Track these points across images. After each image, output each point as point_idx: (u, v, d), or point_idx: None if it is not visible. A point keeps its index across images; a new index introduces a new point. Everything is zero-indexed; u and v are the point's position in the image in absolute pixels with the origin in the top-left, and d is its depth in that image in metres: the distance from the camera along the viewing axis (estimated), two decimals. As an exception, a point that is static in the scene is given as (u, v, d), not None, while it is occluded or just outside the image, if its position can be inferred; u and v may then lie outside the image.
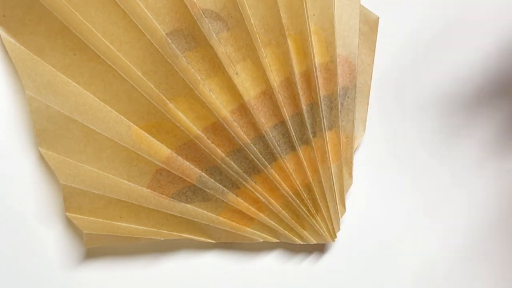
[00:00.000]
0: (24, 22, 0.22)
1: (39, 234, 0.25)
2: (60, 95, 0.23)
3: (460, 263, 0.28)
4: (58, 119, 0.23)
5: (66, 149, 0.23)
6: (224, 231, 0.26)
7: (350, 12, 0.26)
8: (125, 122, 0.24)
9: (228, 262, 0.27)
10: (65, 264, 0.25)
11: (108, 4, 0.23)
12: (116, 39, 0.23)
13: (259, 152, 0.25)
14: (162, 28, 0.23)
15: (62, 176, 0.23)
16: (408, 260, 0.28)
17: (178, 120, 0.24)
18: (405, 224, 0.28)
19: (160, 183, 0.24)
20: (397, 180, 0.28)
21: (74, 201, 0.23)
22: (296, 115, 0.25)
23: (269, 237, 0.26)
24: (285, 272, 0.27)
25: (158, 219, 0.25)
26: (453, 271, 0.28)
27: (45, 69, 0.23)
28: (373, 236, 0.28)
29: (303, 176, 0.26)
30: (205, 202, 0.25)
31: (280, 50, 0.25)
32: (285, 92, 0.25)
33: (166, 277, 0.26)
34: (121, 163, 0.24)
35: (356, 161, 0.28)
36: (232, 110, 0.24)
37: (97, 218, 0.24)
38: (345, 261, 0.28)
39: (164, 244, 0.26)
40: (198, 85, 0.24)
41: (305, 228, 0.26)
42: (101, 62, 0.23)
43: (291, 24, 0.25)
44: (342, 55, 0.26)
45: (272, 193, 0.26)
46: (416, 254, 0.28)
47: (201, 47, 0.24)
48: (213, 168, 0.25)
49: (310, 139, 0.25)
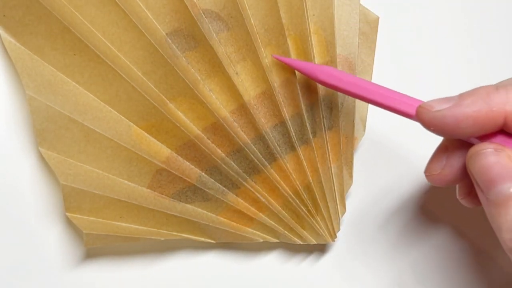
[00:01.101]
0: (24, 22, 0.22)
1: (39, 234, 0.25)
2: (60, 95, 0.23)
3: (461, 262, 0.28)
4: (58, 119, 0.23)
5: (66, 149, 0.23)
6: (224, 231, 0.26)
7: (350, 12, 0.26)
8: (125, 122, 0.24)
9: (228, 262, 0.27)
10: (65, 264, 0.25)
11: (108, 4, 0.23)
12: (116, 39, 0.23)
13: (259, 152, 0.25)
14: (162, 28, 0.23)
15: (62, 176, 0.23)
16: (408, 260, 0.28)
17: (178, 120, 0.24)
18: (405, 224, 0.28)
19: (160, 183, 0.24)
20: (397, 180, 0.28)
21: (74, 201, 0.23)
22: (296, 115, 0.25)
23: (269, 237, 0.26)
24: (285, 272, 0.27)
25: (158, 219, 0.25)
26: (454, 271, 0.28)
27: (45, 69, 0.23)
28: (373, 236, 0.28)
29: (303, 176, 0.26)
30: (205, 202, 0.25)
31: (280, 50, 0.25)
32: (285, 92, 0.25)
33: (166, 277, 0.26)
34: (121, 163, 0.24)
35: (356, 161, 0.28)
36: (232, 110, 0.24)
37: (97, 218, 0.24)
38: (345, 261, 0.28)
39: (164, 244, 0.26)
40: (198, 85, 0.24)
41: (305, 228, 0.26)
42: (101, 62, 0.23)
43: (291, 24, 0.25)
44: (342, 55, 0.26)
45: (272, 193, 0.26)
46: (416, 254, 0.28)
47: (201, 47, 0.24)
48: (213, 168, 0.25)
49: (310, 139, 0.25)
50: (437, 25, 0.30)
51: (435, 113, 0.20)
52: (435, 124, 0.20)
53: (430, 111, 0.20)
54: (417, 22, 0.29)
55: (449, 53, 0.30)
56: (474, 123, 0.19)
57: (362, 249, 0.28)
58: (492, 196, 0.19)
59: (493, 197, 0.19)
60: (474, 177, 0.20)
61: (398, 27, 0.29)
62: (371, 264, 0.28)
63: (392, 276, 0.28)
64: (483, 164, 0.20)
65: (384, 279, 0.28)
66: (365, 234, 0.28)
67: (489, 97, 0.19)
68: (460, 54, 0.30)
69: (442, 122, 0.20)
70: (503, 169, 0.19)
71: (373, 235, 0.28)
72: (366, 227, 0.28)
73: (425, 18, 0.29)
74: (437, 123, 0.20)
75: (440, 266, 0.28)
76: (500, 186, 0.19)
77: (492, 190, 0.19)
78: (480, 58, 0.30)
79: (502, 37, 0.30)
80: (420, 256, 0.28)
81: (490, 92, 0.20)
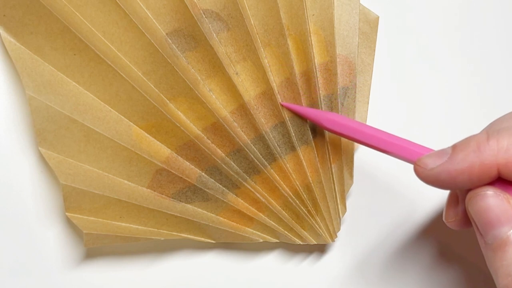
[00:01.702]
0: (24, 22, 0.22)
1: (39, 234, 0.25)
2: (60, 94, 0.23)
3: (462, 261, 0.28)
4: (58, 119, 0.23)
5: (66, 148, 0.23)
6: (224, 231, 0.26)
7: (350, 11, 0.26)
8: (125, 122, 0.24)
9: (228, 262, 0.27)
10: (65, 264, 0.25)
11: (108, 4, 0.23)
12: (116, 39, 0.23)
13: (259, 152, 0.25)
14: (163, 28, 0.23)
15: (62, 176, 0.23)
16: (409, 260, 0.28)
17: (178, 120, 0.24)
18: (405, 224, 0.28)
19: (160, 183, 0.24)
20: (398, 179, 0.28)
21: (74, 201, 0.23)
22: (296, 115, 0.25)
23: (269, 237, 0.26)
24: (285, 272, 0.27)
25: (158, 219, 0.25)
26: (454, 271, 0.28)
27: (45, 68, 0.23)
28: (373, 236, 0.28)
29: (303, 176, 0.25)
30: (205, 202, 0.25)
31: (280, 50, 0.25)
32: (285, 92, 0.25)
33: (166, 277, 0.26)
34: (121, 163, 0.24)
35: (356, 161, 0.28)
36: (232, 110, 0.24)
37: (97, 218, 0.24)
38: (345, 261, 0.28)
39: (164, 244, 0.26)
40: (198, 85, 0.24)
41: (305, 229, 0.26)
42: (101, 62, 0.23)
43: (291, 24, 0.25)
44: (342, 55, 0.26)
45: (272, 193, 0.26)
46: (417, 254, 0.28)
47: (201, 47, 0.24)
48: (213, 168, 0.25)
49: (310, 139, 0.25)
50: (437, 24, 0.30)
51: (430, 172, 0.20)
52: (433, 181, 0.20)
53: (425, 170, 0.20)
54: (417, 21, 0.29)
55: (449, 53, 0.30)
56: (469, 178, 0.20)
57: (362, 249, 0.28)
58: (490, 240, 0.19)
59: (491, 240, 0.19)
60: (473, 220, 0.20)
61: (398, 27, 0.29)
62: (371, 264, 0.28)
63: (392, 276, 0.28)
64: (481, 205, 0.20)
65: (384, 279, 0.28)
66: (365, 234, 0.28)
67: (480, 150, 0.19)
68: (460, 54, 0.30)
69: (439, 180, 0.20)
70: (501, 212, 0.19)
71: (373, 235, 0.28)
72: (367, 226, 0.28)
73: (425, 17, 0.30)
74: (434, 180, 0.20)
75: (440, 266, 0.28)
76: (497, 230, 0.19)
77: (490, 233, 0.19)
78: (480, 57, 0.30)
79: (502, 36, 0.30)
80: (420, 255, 0.28)
81: (481, 143, 0.19)
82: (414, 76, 0.29)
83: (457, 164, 0.20)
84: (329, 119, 0.24)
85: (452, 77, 0.29)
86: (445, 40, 0.30)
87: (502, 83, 0.30)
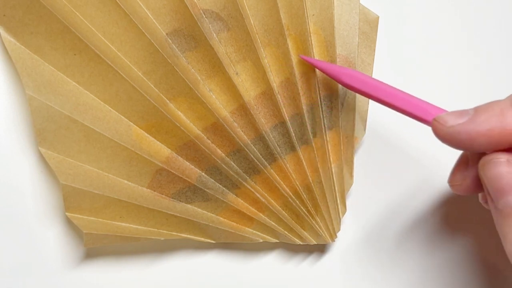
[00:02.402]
0: (24, 21, 0.22)
1: (39, 234, 0.25)
2: (60, 94, 0.23)
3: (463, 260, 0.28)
4: (58, 119, 0.23)
5: (66, 148, 0.23)
6: (224, 231, 0.26)
7: (349, 11, 0.26)
8: (125, 122, 0.24)
9: (228, 262, 0.27)
10: (65, 264, 0.25)
11: (108, 4, 0.23)
12: (116, 39, 0.23)
13: (259, 152, 0.25)
14: (163, 28, 0.23)
15: (62, 176, 0.23)
16: (409, 260, 0.28)
17: (178, 120, 0.24)
18: (405, 224, 0.28)
19: (160, 183, 0.24)
20: (398, 179, 0.28)
21: (74, 201, 0.23)
22: (296, 115, 0.25)
23: (269, 237, 0.26)
24: (285, 272, 0.27)
25: (158, 219, 0.25)
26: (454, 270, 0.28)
27: (45, 68, 0.23)
28: (373, 236, 0.28)
29: (303, 176, 0.25)
30: (205, 202, 0.25)
31: (280, 50, 0.25)
32: (285, 92, 0.25)
33: (166, 277, 0.26)
34: (121, 163, 0.24)
35: (356, 161, 0.28)
36: (232, 110, 0.24)
37: (97, 218, 0.24)
38: (345, 261, 0.28)
39: (164, 244, 0.26)
40: (198, 85, 0.24)
41: (305, 229, 0.26)
42: (101, 62, 0.23)
43: (291, 24, 0.25)
44: (342, 55, 0.26)
45: (272, 193, 0.26)
46: (417, 253, 0.28)
47: (201, 47, 0.24)
48: (213, 168, 0.25)
49: (310, 139, 0.25)
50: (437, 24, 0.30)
51: (449, 129, 0.20)
52: (449, 140, 0.20)
53: (444, 126, 0.20)
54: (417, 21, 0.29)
55: (449, 52, 0.30)
56: (488, 141, 0.19)
57: (363, 249, 0.28)
58: (501, 206, 0.19)
59: (502, 206, 0.19)
60: (485, 185, 0.20)
61: (398, 26, 0.29)
62: (372, 264, 0.28)
63: (393, 276, 0.28)
64: (494, 172, 0.20)
65: (385, 279, 0.28)
66: (365, 234, 0.28)
67: (503, 116, 0.19)
68: (460, 54, 0.30)
69: (456, 138, 0.20)
70: None
71: (373, 235, 0.28)
72: (367, 226, 0.28)
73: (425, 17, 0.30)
74: (451, 139, 0.20)
75: (441, 265, 0.28)
76: (509, 197, 0.19)
77: (501, 199, 0.19)
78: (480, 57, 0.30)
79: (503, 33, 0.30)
80: (420, 255, 0.28)
81: (504, 109, 0.19)
82: (414, 76, 0.29)
83: (478, 125, 0.19)
84: (348, 74, 0.23)
85: (452, 77, 0.29)
86: (445, 40, 0.30)
87: (502, 83, 0.30)
